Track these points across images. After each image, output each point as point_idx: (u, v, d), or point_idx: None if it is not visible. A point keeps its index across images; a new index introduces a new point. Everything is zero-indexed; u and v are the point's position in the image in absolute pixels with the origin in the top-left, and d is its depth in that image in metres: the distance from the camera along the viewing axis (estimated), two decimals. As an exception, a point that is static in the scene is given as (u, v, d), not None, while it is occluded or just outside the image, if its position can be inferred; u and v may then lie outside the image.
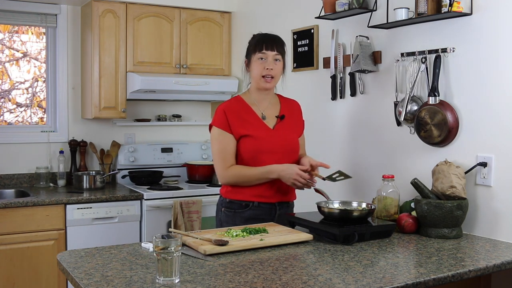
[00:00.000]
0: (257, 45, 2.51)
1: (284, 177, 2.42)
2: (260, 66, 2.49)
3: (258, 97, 2.58)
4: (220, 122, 2.50)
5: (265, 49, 2.48)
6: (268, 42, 2.51)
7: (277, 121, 2.58)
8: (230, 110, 2.52)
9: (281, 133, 2.55)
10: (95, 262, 1.88)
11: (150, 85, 3.81)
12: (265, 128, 2.53)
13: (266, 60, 2.49)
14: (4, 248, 3.25)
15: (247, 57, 2.57)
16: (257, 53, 2.50)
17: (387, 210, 2.47)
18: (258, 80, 2.52)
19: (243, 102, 2.57)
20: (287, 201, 2.61)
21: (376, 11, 2.88)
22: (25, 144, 3.92)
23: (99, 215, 3.50)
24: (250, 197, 2.50)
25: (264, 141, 2.49)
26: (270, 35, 2.57)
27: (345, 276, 1.76)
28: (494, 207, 2.35)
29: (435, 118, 2.52)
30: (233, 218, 2.52)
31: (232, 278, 1.71)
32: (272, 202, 2.54)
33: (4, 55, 4.03)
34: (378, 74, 2.93)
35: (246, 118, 2.52)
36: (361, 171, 3.03)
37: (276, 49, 2.51)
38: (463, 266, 1.90)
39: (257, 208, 2.51)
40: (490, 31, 2.36)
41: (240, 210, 2.52)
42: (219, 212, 2.61)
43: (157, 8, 3.97)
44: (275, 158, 2.49)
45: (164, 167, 4.21)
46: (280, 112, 2.61)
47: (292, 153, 2.57)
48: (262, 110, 2.57)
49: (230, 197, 2.54)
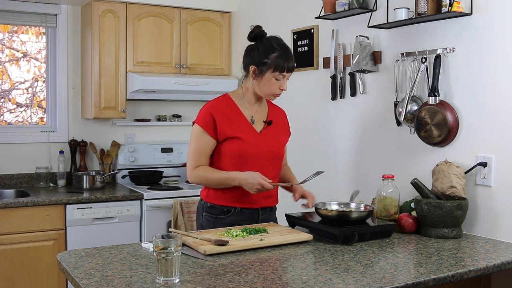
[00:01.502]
0: (279, 65, 2.34)
1: (246, 186, 2.30)
2: (275, 85, 2.38)
3: (251, 100, 2.48)
4: (204, 122, 2.39)
5: (286, 71, 2.37)
6: (290, 62, 2.37)
7: (264, 126, 2.49)
8: (217, 110, 2.40)
9: (268, 138, 2.46)
10: (95, 262, 1.88)
11: (150, 85, 3.81)
12: (252, 131, 2.44)
13: (282, 80, 2.38)
14: (4, 248, 3.25)
15: (257, 66, 2.37)
16: (276, 73, 2.35)
17: (387, 210, 2.47)
18: (267, 95, 2.43)
19: (232, 102, 2.47)
20: (270, 206, 2.53)
21: (376, 11, 2.88)
22: (25, 144, 3.92)
23: (99, 215, 3.50)
24: (232, 202, 2.42)
25: (251, 145, 2.39)
26: (289, 53, 2.40)
27: (345, 276, 1.76)
28: (494, 207, 2.35)
29: (435, 118, 2.52)
30: (214, 224, 2.43)
31: (232, 278, 1.71)
32: (255, 208, 2.46)
33: (4, 55, 4.03)
34: (378, 74, 2.93)
35: (233, 119, 2.42)
36: (361, 171, 3.03)
37: (292, 69, 2.40)
38: (463, 266, 1.90)
39: (239, 214, 2.43)
40: (490, 31, 2.36)
41: (222, 216, 2.43)
42: (200, 216, 2.51)
43: (157, 8, 3.97)
44: (260, 163, 2.40)
45: (164, 167, 4.21)
46: (268, 117, 2.52)
47: (276, 160, 2.49)
48: (252, 113, 2.48)
49: (211, 201, 2.46)
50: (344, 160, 3.14)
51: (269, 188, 2.29)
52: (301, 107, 3.44)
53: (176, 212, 3.57)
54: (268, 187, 2.28)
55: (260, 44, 2.40)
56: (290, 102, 3.30)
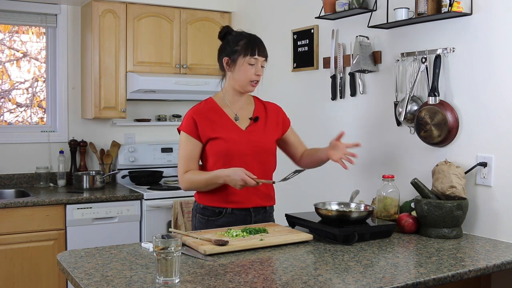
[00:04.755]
0: (249, 49, 2.38)
1: (231, 182, 2.29)
2: (250, 71, 2.39)
3: (233, 98, 2.48)
4: (187, 127, 2.41)
5: (258, 54, 2.39)
6: (260, 47, 2.41)
7: (250, 123, 2.48)
8: (198, 114, 2.42)
9: (253, 135, 2.45)
10: (95, 262, 1.88)
11: (150, 85, 3.81)
12: (236, 129, 2.43)
13: (256, 65, 2.40)
14: (4, 248, 3.25)
15: (229, 56, 2.42)
16: (248, 57, 2.38)
17: (387, 210, 2.47)
18: (245, 84, 2.42)
19: (214, 104, 2.47)
20: (264, 206, 2.49)
21: (376, 11, 2.88)
22: (25, 144, 3.92)
23: (99, 215, 3.50)
24: (223, 203, 2.41)
25: (234, 143, 2.39)
26: (258, 38, 2.45)
27: (345, 276, 1.76)
28: (494, 207, 2.35)
29: (435, 118, 2.52)
30: (206, 226, 2.42)
31: (232, 278, 1.71)
32: (247, 208, 2.44)
33: (4, 55, 4.03)
34: (378, 74, 2.93)
35: (215, 120, 2.43)
36: (361, 171, 3.03)
37: (265, 55, 2.43)
38: (463, 266, 1.90)
39: (230, 215, 2.41)
40: (490, 31, 2.36)
41: (214, 217, 2.42)
42: (194, 218, 2.52)
43: (157, 8, 3.97)
44: (245, 160, 2.39)
45: (164, 167, 4.21)
46: (254, 113, 2.51)
47: (264, 155, 2.46)
48: (235, 111, 2.48)
49: (203, 202, 2.46)
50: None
51: (252, 184, 2.26)
52: (301, 107, 3.44)
53: (176, 212, 3.57)
54: (251, 183, 2.25)
55: (230, 37, 2.46)
56: (290, 102, 3.31)
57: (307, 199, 2.71)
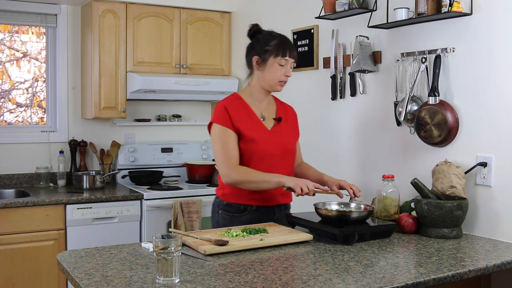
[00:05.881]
0: (280, 49, 2.42)
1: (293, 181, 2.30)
2: (280, 72, 2.43)
3: (259, 97, 2.52)
4: (222, 119, 2.41)
5: (288, 56, 2.43)
6: (291, 48, 2.45)
7: (274, 123, 2.53)
8: (231, 107, 2.44)
9: (278, 136, 2.50)
10: (95, 262, 1.88)
11: (150, 85, 3.81)
12: (264, 129, 2.48)
13: (285, 66, 2.44)
14: (4, 248, 3.25)
15: (259, 55, 2.45)
16: (279, 58, 2.41)
17: (387, 210, 2.47)
18: (274, 84, 2.46)
19: (242, 101, 2.50)
20: (285, 204, 2.57)
21: (376, 11, 2.88)
22: (25, 144, 3.92)
23: (99, 215, 3.50)
24: (248, 200, 2.44)
25: (264, 143, 2.43)
26: (288, 39, 2.51)
27: (345, 276, 1.76)
28: (494, 207, 2.35)
29: (435, 118, 2.52)
30: (231, 222, 2.46)
31: (232, 278, 1.71)
32: (271, 205, 2.49)
33: (4, 55, 4.03)
34: (378, 74, 2.93)
35: (245, 118, 2.46)
36: (361, 171, 3.03)
37: (294, 56, 2.47)
38: (463, 266, 1.90)
39: (255, 212, 2.46)
40: (490, 31, 2.36)
41: (238, 214, 2.46)
42: (215, 214, 2.55)
43: (157, 8, 3.97)
44: (272, 160, 2.44)
45: (164, 167, 4.21)
46: (277, 114, 2.57)
47: (288, 156, 2.52)
48: (261, 110, 2.53)
49: (227, 199, 2.48)
50: (344, 160, 3.14)
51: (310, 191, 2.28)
52: (301, 107, 3.42)
53: (176, 212, 3.57)
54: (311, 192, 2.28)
55: (260, 36, 2.49)
56: (290, 102, 3.29)
57: (307, 199, 2.71)
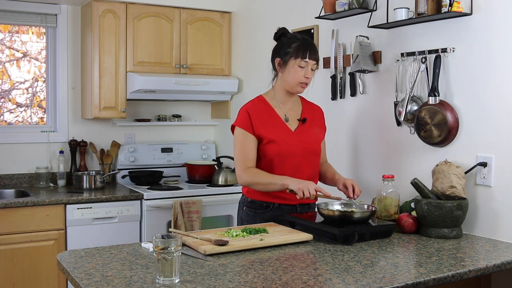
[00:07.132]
0: (300, 51, 2.45)
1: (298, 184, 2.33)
2: (300, 73, 2.46)
3: (283, 98, 2.57)
4: (243, 123, 2.49)
5: (308, 57, 2.45)
6: (312, 50, 2.47)
7: (298, 124, 2.57)
8: (254, 111, 2.51)
9: (302, 136, 2.54)
10: (95, 262, 1.88)
11: (150, 85, 3.81)
12: (287, 130, 2.53)
13: (306, 68, 2.47)
14: (4, 248, 3.25)
15: (281, 57, 2.50)
16: (299, 60, 2.45)
17: (387, 210, 2.47)
18: (294, 85, 2.49)
19: (266, 103, 2.56)
20: (308, 203, 2.59)
21: (376, 11, 2.88)
22: (25, 144, 3.92)
23: (99, 215, 3.50)
24: (271, 198, 2.51)
25: (285, 144, 2.48)
26: (311, 41, 2.53)
27: (345, 276, 1.76)
28: (494, 207, 2.35)
29: (435, 118, 2.52)
30: (254, 218, 2.53)
31: (232, 278, 1.71)
32: (293, 204, 2.53)
33: (4, 55, 4.03)
34: (378, 74, 2.93)
35: (268, 120, 2.51)
36: (361, 171, 3.03)
37: (316, 58, 2.49)
38: (463, 266, 1.90)
39: (277, 209, 2.52)
40: (490, 31, 2.36)
41: (261, 210, 2.53)
42: (240, 211, 2.63)
43: (157, 8, 3.97)
44: (295, 161, 2.50)
45: (164, 167, 4.21)
46: (302, 115, 2.61)
47: (312, 156, 2.57)
48: (285, 112, 2.57)
49: (251, 196, 2.56)
50: (344, 160, 3.14)
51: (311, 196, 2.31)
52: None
53: (176, 212, 3.57)
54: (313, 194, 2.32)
55: (284, 39, 2.53)
56: (290, 102, 3.30)
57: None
